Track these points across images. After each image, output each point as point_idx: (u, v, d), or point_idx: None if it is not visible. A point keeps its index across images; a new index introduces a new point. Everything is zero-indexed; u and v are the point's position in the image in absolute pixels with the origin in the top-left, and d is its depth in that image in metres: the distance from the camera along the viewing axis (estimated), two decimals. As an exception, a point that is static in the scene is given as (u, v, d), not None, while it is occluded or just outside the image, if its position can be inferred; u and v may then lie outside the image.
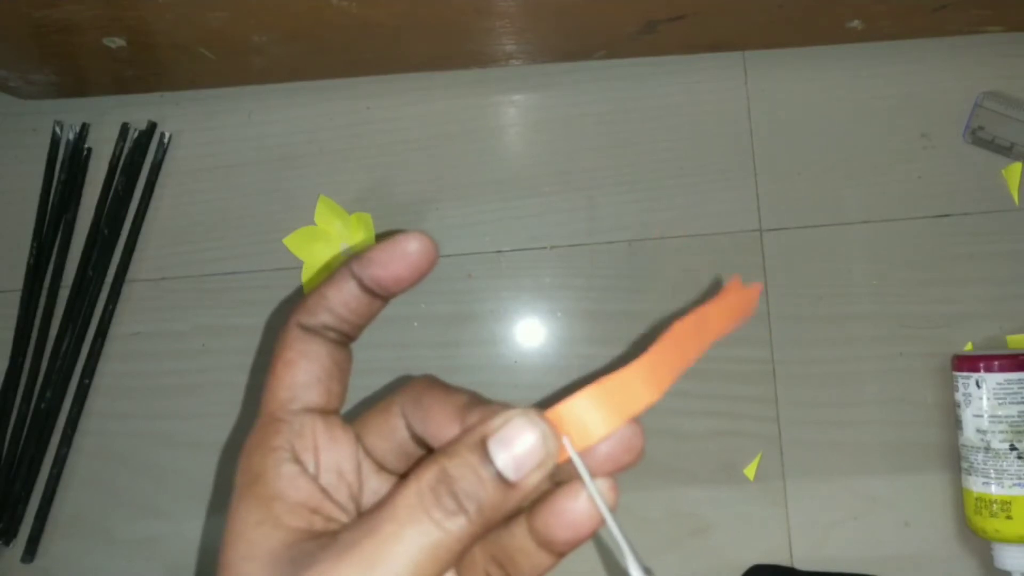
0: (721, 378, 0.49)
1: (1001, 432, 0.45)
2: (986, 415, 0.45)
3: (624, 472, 0.23)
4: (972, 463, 0.46)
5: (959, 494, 0.48)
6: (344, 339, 0.26)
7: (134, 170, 0.51)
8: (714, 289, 0.50)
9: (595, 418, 0.21)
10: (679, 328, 0.24)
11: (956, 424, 0.47)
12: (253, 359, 0.50)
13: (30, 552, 0.49)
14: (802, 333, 0.50)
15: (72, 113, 0.51)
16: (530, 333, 0.50)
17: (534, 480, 0.21)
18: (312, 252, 0.50)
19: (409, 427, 0.25)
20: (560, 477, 0.23)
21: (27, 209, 0.51)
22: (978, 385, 0.45)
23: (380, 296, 0.26)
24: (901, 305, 0.50)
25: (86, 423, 0.50)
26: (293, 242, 0.50)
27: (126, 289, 0.51)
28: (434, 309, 0.50)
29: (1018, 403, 0.44)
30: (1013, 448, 0.44)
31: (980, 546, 0.47)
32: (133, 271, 0.51)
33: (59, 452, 0.49)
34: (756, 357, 0.50)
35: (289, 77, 0.51)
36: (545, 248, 0.51)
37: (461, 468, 0.21)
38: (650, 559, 0.48)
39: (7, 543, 0.49)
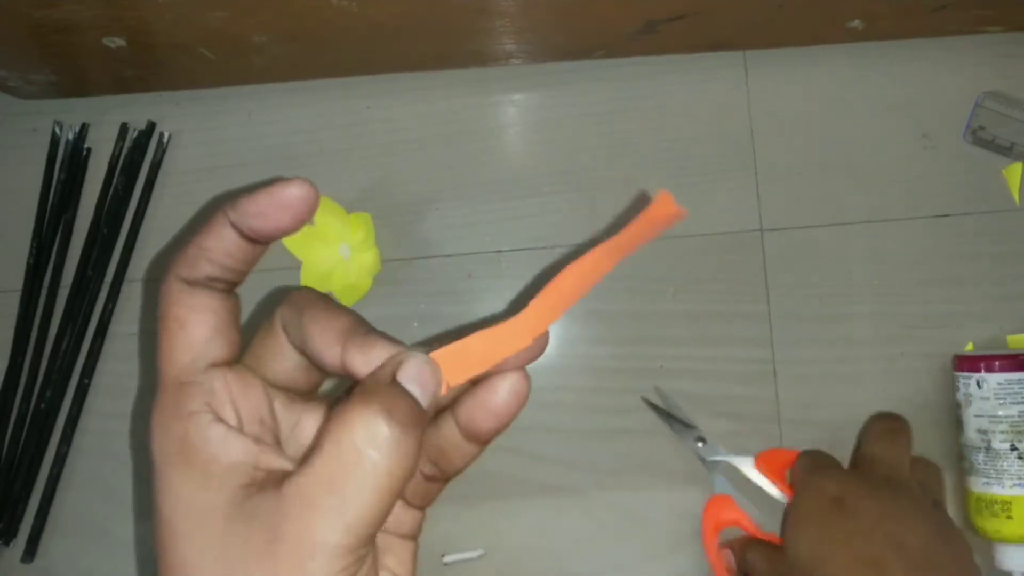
0: (721, 378, 0.49)
1: (1002, 432, 0.45)
2: (987, 415, 0.45)
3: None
4: (973, 463, 0.46)
5: (960, 494, 0.48)
6: (230, 287, 0.25)
7: (133, 170, 0.51)
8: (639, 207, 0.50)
9: (469, 361, 0.25)
10: (565, 276, 0.28)
11: (957, 424, 0.47)
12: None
13: (30, 552, 0.49)
14: (802, 333, 0.50)
15: (72, 113, 0.51)
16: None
17: (433, 400, 0.23)
18: (312, 252, 0.50)
19: (295, 344, 0.26)
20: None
21: (27, 209, 0.51)
22: (979, 385, 0.45)
23: (261, 242, 0.25)
24: (901, 305, 0.50)
25: (86, 423, 0.50)
26: (293, 242, 0.50)
27: (126, 288, 0.51)
28: (434, 309, 0.50)
29: (1019, 403, 0.44)
30: (1014, 448, 0.44)
31: (981, 546, 0.47)
32: (133, 271, 0.51)
33: (59, 452, 0.49)
34: (756, 357, 0.50)
35: (289, 77, 0.51)
36: (545, 248, 0.51)
37: (396, 402, 0.22)
38: (652, 559, 0.48)
39: (7, 543, 0.49)
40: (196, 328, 0.24)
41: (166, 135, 0.51)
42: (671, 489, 0.49)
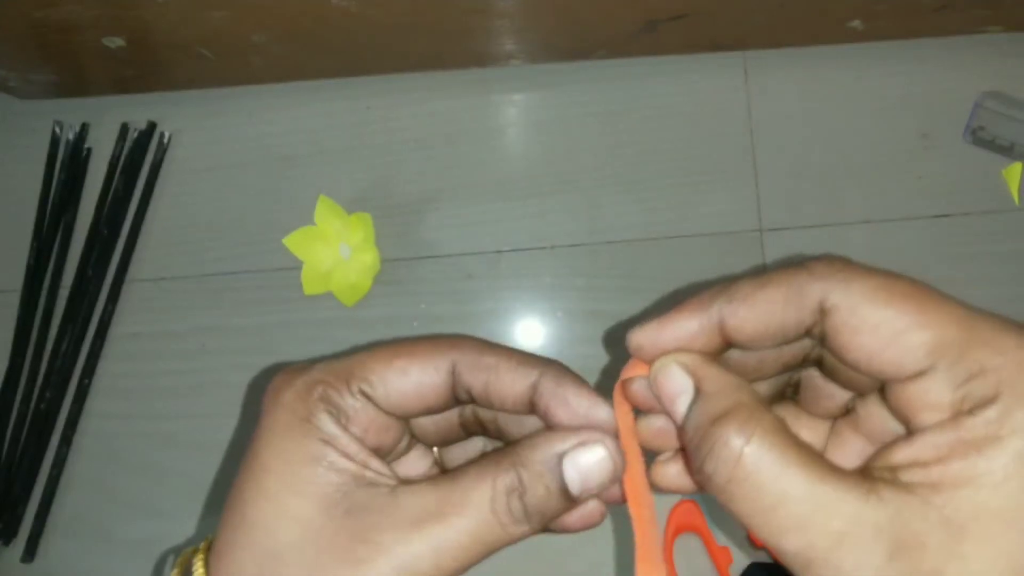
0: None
1: (1001, 432, 0.44)
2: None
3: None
4: (972, 463, 0.46)
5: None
6: (467, 402, 0.25)
7: (134, 170, 0.51)
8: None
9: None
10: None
11: (956, 424, 0.47)
12: (253, 359, 0.50)
13: (30, 552, 0.49)
14: (802, 333, 0.50)
15: (72, 113, 0.51)
16: (530, 333, 0.50)
17: (593, 496, 0.23)
18: (312, 252, 0.50)
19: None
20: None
21: (27, 209, 0.51)
22: (978, 385, 0.45)
23: (531, 409, 0.24)
24: (901, 305, 0.50)
25: (85, 423, 0.50)
26: (293, 242, 0.50)
27: (125, 289, 0.51)
28: (434, 309, 0.50)
29: (1018, 403, 0.44)
30: (1013, 448, 0.44)
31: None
32: (132, 271, 0.51)
33: (59, 452, 0.49)
34: (756, 357, 0.50)
35: (289, 77, 0.51)
36: (545, 248, 0.51)
37: (535, 482, 0.22)
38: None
39: (7, 543, 0.49)
40: (406, 383, 0.24)
41: (166, 135, 0.51)
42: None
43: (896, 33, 0.50)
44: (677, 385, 0.22)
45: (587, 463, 0.22)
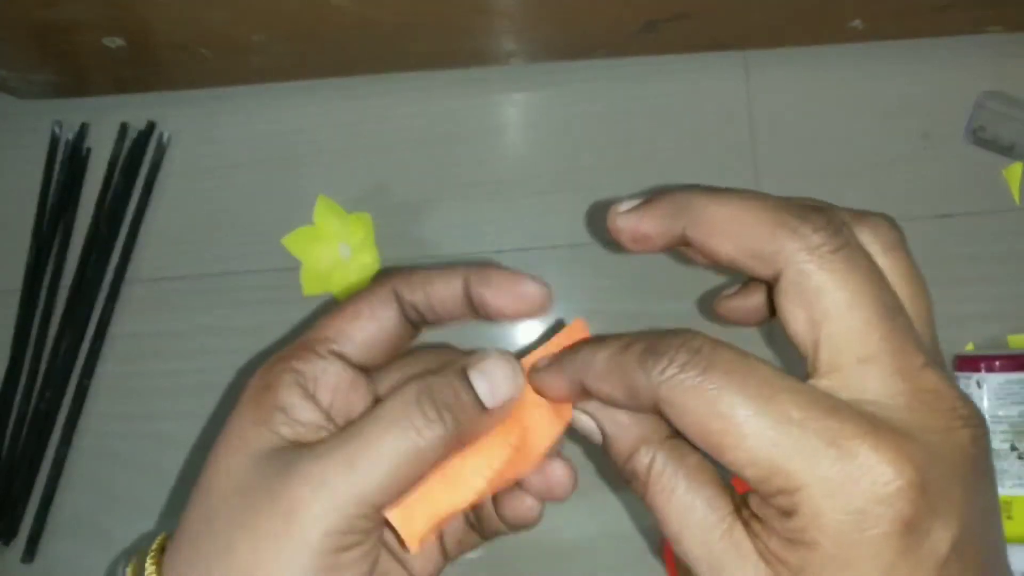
0: (721, 378, 0.49)
1: (1002, 432, 0.45)
2: (987, 415, 0.45)
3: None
4: (972, 463, 0.46)
5: (959, 494, 0.48)
6: (416, 322, 0.26)
7: (133, 170, 0.51)
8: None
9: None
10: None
11: (956, 424, 0.47)
12: (253, 359, 0.50)
13: (30, 552, 0.49)
14: (802, 333, 0.50)
15: (71, 113, 0.51)
16: (530, 333, 0.50)
17: (503, 409, 0.24)
18: (311, 252, 0.50)
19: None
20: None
21: (26, 209, 0.51)
22: (979, 385, 0.45)
23: (474, 312, 0.26)
24: (901, 305, 0.50)
25: (85, 423, 0.50)
26: (292, 242, 0.50)
27: (125, 289, 0.51)
28: (434, 309, 0.50)
29: (1019, 403, 0.44)
30: (1014, 448, 0.44)
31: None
32: (132, 271, 0.51)
33: (58, 452, 0.49)
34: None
35: (289, 76, 0.51)
36: (545, 248, 0.51)
37: (443, 385, 0.23)
38: (652, 560, 0.48)
39: (7, 543, 0.49)
40: (360, 327, 0.25)
41: (166, 135, 0.51)
42: (671, 489, 0.49)
43: (896, 33, 0.50)
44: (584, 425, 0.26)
45: (489, 367, 0.24)
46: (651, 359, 0.22)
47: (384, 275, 0.26)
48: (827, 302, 0.21)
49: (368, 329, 0.25)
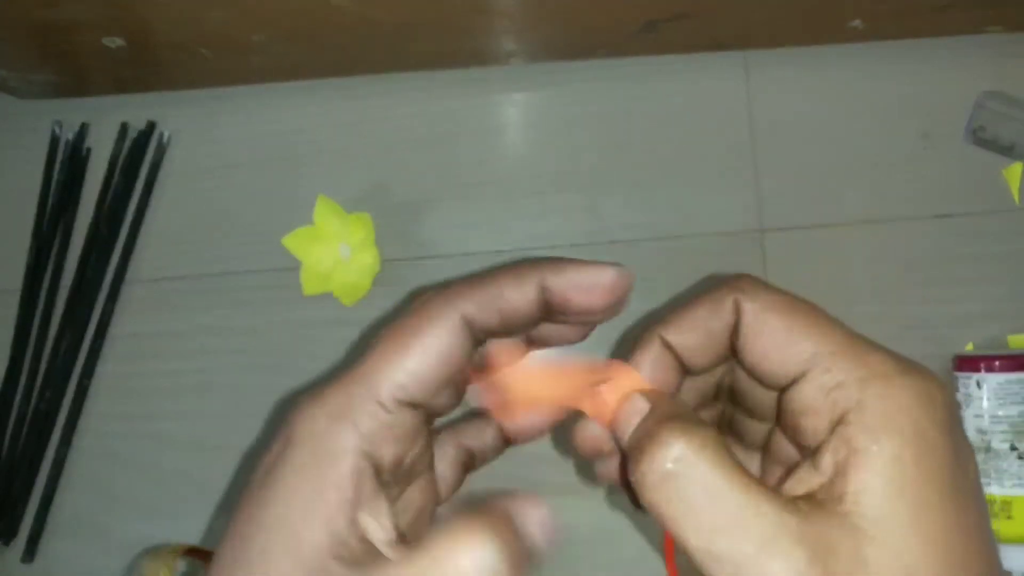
0: (721, 378, 0.49)
1: (1002, 432, 0.45)
2: (987, 415, 0.45)
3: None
4: (972, 463, 0.46)
5: (959, 494, 0.48)
6: (486, 340, 0.24)
7: (133, 170, 0.51)
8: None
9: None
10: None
11: (956, 424, 0.47)
12: (253, 359, 0.50)
13: (30, 552, 0.49)
14: (802, 333, 0.50)
15: (71, 113, 0.51)
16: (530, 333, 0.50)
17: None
18: (311, 252, 0.50)
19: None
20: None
21: (26, 209, 0.51)
22: (979, 385, 0.45)
23: (554, 314, 0.25)
24: (901, 305, 0.50)
25: (85, 423, 0.50)
26: (292, 242, 0.50)
27: (125, 289, 0.51)
28: (434, 309, 0.50)
29: (1019, 403, 0.44)
30: (1014, 448, 0.44)
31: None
32: (132, 271, 0.51)
33: (58, 452, 0.49)
34: (756, 357, 0.49)
35: (288, 76, 0.51)
36: (545, 248, 0.51)
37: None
38: (653, 559, 0.48)
39: (7, 543, 0.49)
40: (428, 364, 0.22)
41: (166, 135, 0.51)
42: (671, 489, 0.49)
43: (896, 33, 0.50)
44: (635, 407, 0.24)
45: (536, 517, 0.24)
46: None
47: (446, 294, 0.22)
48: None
49: (433, 365, 0.22)
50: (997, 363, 0.45)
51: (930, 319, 0.50)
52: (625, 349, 0.26)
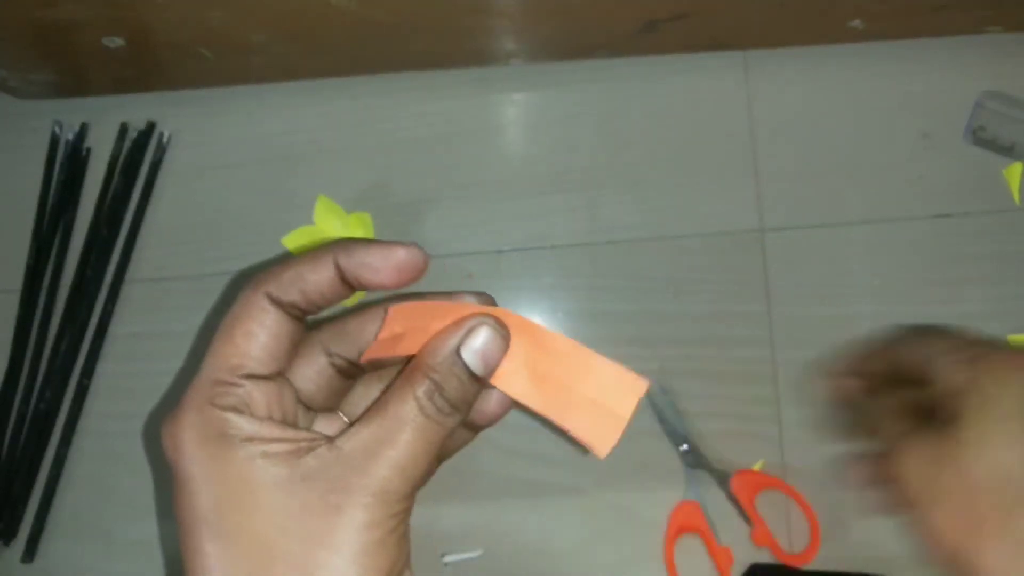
0: (721, 378, 0.49)
1: (1002, 432, 0.44)
2: (987, 415, 0.45)
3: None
4: (972, 463, 0.46)
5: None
6: (303, 315, 0.27)
7: (133, 170, 0.51)
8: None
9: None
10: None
11: (956, 424, 0.47)
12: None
13: (30, 552, 0.49)
14: (803, 333, 0.50)
15: (71, 113, 0.51)
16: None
17: (494, 370, 0.26)
18: (312, 252, 0.50)
19: (332, 360, 0.28)
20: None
21: (26, 209, 0.51)
22: (979, 385, 0.45)
23: (354, 289, 0.27)
24: (902, 305, 0.50)
25: (85, 423, 0.50)
26: (292, 242, 0.50)
27: (125, 289, 0.51)
28: (434, 309, 0.50)
29: (1019, 403, 0.44)
30: (1013, 448, 0.44)
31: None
32: (132, 271, 0.51)
33: (58, 452, 0.49)
34: (756, 357, 0.50)
35: (289, 76, 0.51)
36: (545, 248, 0.51)
37: (447, 378, 0.25)
38: (652, 560, 0.48)
39: (7, 543, 0.49)
40: (259, 343, 0.25)
41: (166, 135, 0.51)
42: (671, 489, 0.49)
43: (896, 33, 0.50)
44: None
45: (481, 343, 0.25)
46: None
47: (251, 280, 0.26)
48: None
49: (259, 343, 0.25)
50: (997, 363, 0.45)
51: (930, 319, 0.50)
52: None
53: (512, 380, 0.26)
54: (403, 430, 0.24)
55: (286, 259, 0.26)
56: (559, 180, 0.51)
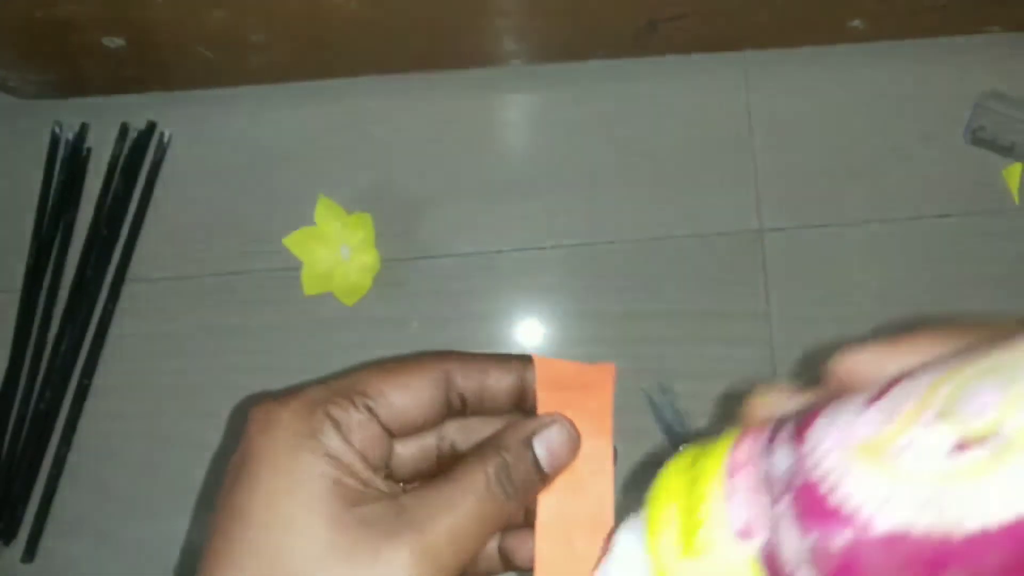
0: (721, 378, 0.49)
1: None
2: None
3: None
4: (972, 463, 0.46)
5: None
6: (460, 410, 0.27)
7: (133, 170, 0.51)
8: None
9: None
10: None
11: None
12: (253, 359, 0.50)
13: (30, 552, 0.49)
14: (802, 333, 0.50)
15: (71, 113, 0.51)
16: (530, 333, 0.50)
17: (558, 471, 0.26)
18: (312, 252, 0.50)
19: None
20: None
21: (26, 209, 0.51)
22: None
23: (521, 405, 0.27)
24: (901, 305, 0.50)
25: (85, 423, 0.50)
26: (293, 242, 0.50)
27: (125, 289, 0.51)
28: (434, 309, 0.50)
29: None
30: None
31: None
32: (132, 271, 0.51)
33: (59, 452, 0.49)
34: (756, 357, 0.50)
35: (288, 77, 0.51)
36: (545, 248, 0.51)
37: (518, 461, 0.25)
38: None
39: (7, 543, 0.49)
40: (402, 399, 0.26)
41: (166, 135, 0.51)
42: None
43: (896, 33, 0.50)
44: None
45: (553, 440, 0.26)
46: None
47: (440, 354, 0.26)
48: None
49: (408, 402, 0.26)
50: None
51: (930, 319, 0.50)
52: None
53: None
54: (466, 499, 0.24)
55: (474, 352, 0.27)
56: (559, 180, 0.51)
